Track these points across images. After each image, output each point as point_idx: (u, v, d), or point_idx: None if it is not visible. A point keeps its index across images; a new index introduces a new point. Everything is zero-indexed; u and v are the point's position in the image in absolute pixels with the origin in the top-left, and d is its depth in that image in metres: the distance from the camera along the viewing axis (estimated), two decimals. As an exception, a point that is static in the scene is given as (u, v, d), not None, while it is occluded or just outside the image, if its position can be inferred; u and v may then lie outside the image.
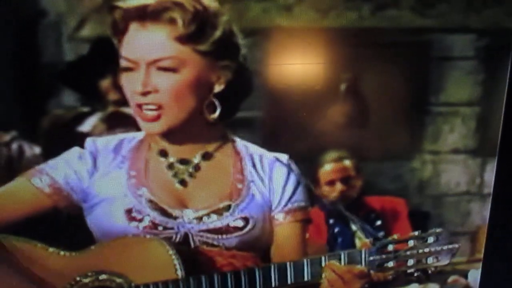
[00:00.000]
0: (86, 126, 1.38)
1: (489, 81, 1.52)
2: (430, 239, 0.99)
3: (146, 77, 0.99)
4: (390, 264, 0.99)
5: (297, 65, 1.36)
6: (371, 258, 0.99)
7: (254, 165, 1.09)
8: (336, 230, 1.59)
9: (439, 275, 1.61)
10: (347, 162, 1.59)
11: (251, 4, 1.40)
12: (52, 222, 1.07)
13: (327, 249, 1.54)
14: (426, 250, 0.99)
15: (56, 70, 1.38)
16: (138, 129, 1.33)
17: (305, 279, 1.00)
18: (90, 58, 1.34)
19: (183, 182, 1.06)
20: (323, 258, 0.99)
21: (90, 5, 1.32)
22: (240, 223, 1.04)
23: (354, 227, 1.59)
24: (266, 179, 1.08)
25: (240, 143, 1.12)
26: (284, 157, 1.11)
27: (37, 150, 1.40)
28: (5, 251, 1.02)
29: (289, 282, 0.99)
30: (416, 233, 1.00)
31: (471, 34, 1.50)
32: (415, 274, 1.57)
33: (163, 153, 1.07)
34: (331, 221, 1.59)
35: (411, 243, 0.99)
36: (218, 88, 1.03)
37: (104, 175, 1.07)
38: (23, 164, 1.39)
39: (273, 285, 1.00)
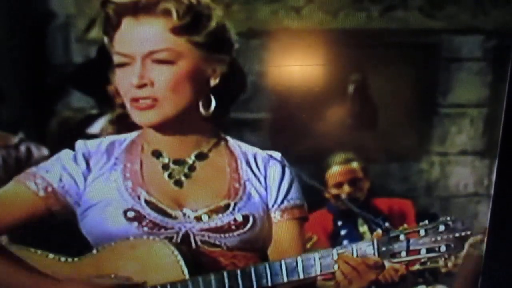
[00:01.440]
0: (94, 128, 1.38)
1: (497, 82, 1.52)
2: (441, 227, 0.97)
3: (142, 69, 0.96)
4: (403, 254, 0.98)
5: (304, 66, 1.36)
6: (383, 248, 0.98)
7: (248, 164, 1.07)
8: (344, 231, 1.59)
9: (447, 277, 1.61)
10: (355, 164, 1.58)
11: (260, 6, 1.40)
12: (48, 229, 1.05)
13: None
14: (438, 238, 0.97)
15: (65, 71, 1.38)
16: None
17: (316, 272, 0.98)
18: (98, 61, 1.34)
19: (178, 183, 1.04)
20: (334, 251, 0.98)
21: (99, 7, 1.32)
22: (240, 221, 1.01)
23: (362, 229, 1.59)
24: (262, 177, 1.07)
25: (232, 142, 1.09)
26: (277, 154, 1.09)
27: (45, 151, 1.40)
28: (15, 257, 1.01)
29: (300, 276, 0.98)
30: (427, 221, 0.99)
31: (479, 35, 1.50)
32: (425, 275, 1.57)
33: (157, 154, 1.05)
34: (339, 222, 1.59)
35: (422, 232, 0.98)
36: (213, 81, 1.02)
37: (98, 177, 1.04)
38: (32, 166, 1.39)
39: (284, 280, 0.98)
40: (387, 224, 1.51)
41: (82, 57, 1.38)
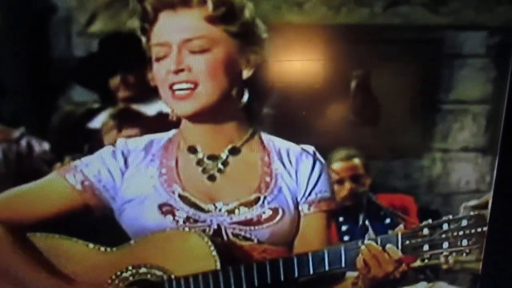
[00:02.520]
0: (96, 122, 1.38)
1: (500, 79, 1.51)
2: (464, 222, 0.99)
3: (179, 56, 1.00)
4: (425, 247, 1.00)
5: (307, 61, 1.35)
6: (407, 242, 1.00)
7: (281, 159, 1.10)
8: (345, 227, 1.58)
9: (447, 274, 1.60)
10: (356, 161, 1.57)
11: (262, 0, 1.39)
12: (89, 221, 1.08)
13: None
14: (461, 232, 0.99)
15: (66, 65, 1.37)
16: (147, 126, 1.33)
17: (342, 265, 1.00)
18: (100, 55, 1.33)
19: (212, 178, 1.07)
20: (359, 243, 1.00)
21: (101, 0, 1.32)
22: (270, 214, 1.04)
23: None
24: (293, 172, 1.09)
25: (266, 137, 1.12)
26: (310, 148, 1.12)
27: (46, 146, 1.40)
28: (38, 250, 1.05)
29: (326, 268, 1.00)
30: (451, 216, 1.00)
31: (483, 31, 1.49)
32: (426, 272, 1.57)
33: (193, 150, 1.08)
34: (340, 218, 1.58)
35: (445, 226, 1.00)
36: (246, 73, 1.05)
37: (135, 173, 1.07)
38: (33, 160, 1.39)
39: (311, 272, 1.00)
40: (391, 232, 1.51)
41: (83, 51, 1.38)
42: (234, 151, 1.08)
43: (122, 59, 1.34)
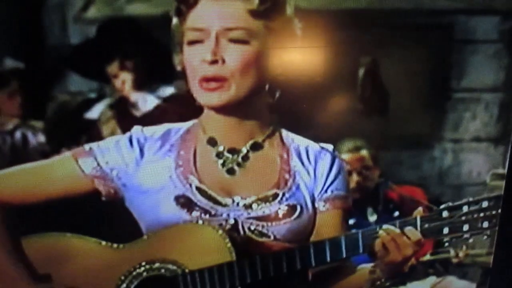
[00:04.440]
0: (93, 112, 1.35)
1: (513, 66, 1.48)
2: (484, 204, 0.98)
3: (216, 46, 0.99)
4: (445, 230, 1.00)
5: (312, 48, 1.31)
6: (426, 225, 0.99)
7: (300, 157, 1.10)
8: (352, 221, 1.55)
9: (457, 268, 1.58)
10: (364, 152, 1.54)
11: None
12: (99, 216, 1.08)
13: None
14: (481, 214, 0.98)
15: (62, 52, 1.34)
16: (145, 117, 1.29)
17: (359, 251, 1.00)
18: (97, 41, 1.30)
19: (231, 171, 1.07)
20: (377, 228, 1.00)
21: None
22: (287, 210, 1.04)
23: (371, 218, 1.56)
24: (311, 170, 1.09)
25: (286, 134, 1.13)
26: (329, 146, 1.13)
27: (41, 138, 1.37)
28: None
29: (344, 255, 1.00)
30: (471, 198, 0.99)
31: (495, 16, 1.45)
32: (436, 266, 1.55)
33: (212, 142, 1.08)
34: (348, 211, 1.55)
35: (465, 208, 0.99)
36: (279, 70, 1.07)
37: (151, 163, 1.06)
38: (28, 153, 1.36)
39: (327, 259, 1.00)
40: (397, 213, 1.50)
41: (80, 37, 1.34)
42: (256, 146, 1.07)
43: (120, 46, 1.31)
